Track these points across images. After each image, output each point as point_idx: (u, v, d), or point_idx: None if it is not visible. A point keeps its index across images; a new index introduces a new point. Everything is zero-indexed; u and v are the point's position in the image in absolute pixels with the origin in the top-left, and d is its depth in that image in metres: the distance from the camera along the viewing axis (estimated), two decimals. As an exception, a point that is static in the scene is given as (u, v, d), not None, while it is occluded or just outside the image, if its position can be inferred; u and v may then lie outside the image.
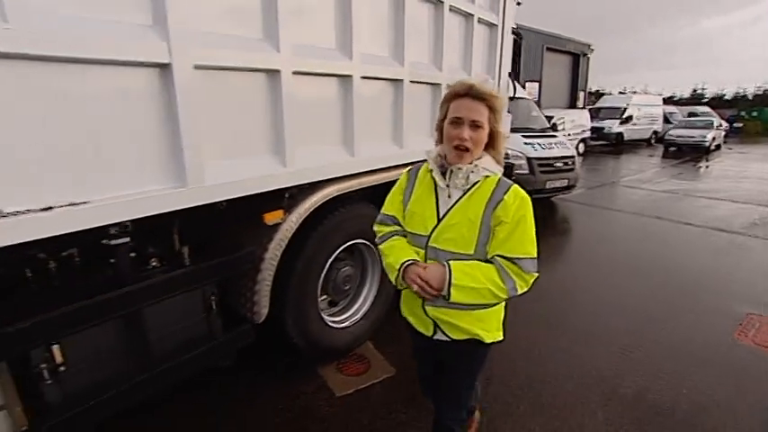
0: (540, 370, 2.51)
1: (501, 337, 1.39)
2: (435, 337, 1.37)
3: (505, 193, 1.22)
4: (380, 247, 1.40)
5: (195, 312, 1.78)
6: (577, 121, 12.91)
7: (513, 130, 5.25)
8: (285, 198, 1.93)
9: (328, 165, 2.04)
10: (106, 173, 1.32)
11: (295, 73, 1.75)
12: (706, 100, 29.52)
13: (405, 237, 1.38)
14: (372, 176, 2.34)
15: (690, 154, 14.36)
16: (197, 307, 1.79)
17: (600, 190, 8.38)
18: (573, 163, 6.34)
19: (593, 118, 14.88)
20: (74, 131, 1.23)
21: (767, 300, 3.46)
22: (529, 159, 5.82)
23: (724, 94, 30.30)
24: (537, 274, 1.25)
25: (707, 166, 11.88)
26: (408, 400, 2.19)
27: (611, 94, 23.92)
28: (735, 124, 22.23)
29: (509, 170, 5.21)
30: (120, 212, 1.35)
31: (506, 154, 4.75)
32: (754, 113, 23.63)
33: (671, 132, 15.62)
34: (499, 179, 1.26)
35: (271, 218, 1.86)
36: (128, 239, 1.44)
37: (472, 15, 3.00)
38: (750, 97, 27.69)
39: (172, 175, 1.46)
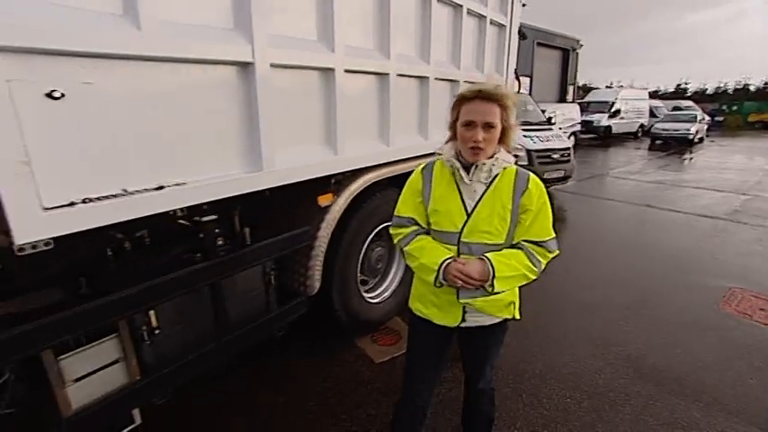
0: (552, 335, 2.81)
1: (518, 314, 1.49)
2: (464, 325, 1.42)
3: (527, 181, 1.30)
4: (407, 249, 1.39)
5: (259, 285, 2.02)
6: (568, 115, 13.28)
7: (514, 124, 5.53)
8: (332, 183, 2.17)
9: (369, 154, 2.28)
10: (200, 158, 1.54)
11: (346, 71, 1.99)
12: (689, 94, 30.39)
13: (427, 234, 1.40)
14: (402, 165, 2.58)
15: (675, 147, 14.91)
16: (260, 280, 2.02)
17: (591, 181, 8.76)
18: (569, 155, 6.67)
19: (582, 112, 15.30)
20: (175, 122, 1.45)
21: (748, 275, 3.83)
22: (528, 151, 6.12)
23: (706, 89, 31.26)
24: (558, 252, 1.36)
25: (691, 158, 12.40)
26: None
27: (598, 88, 24.49)
28: (716, 118, 23.03)
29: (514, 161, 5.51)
30: (210, 193, 1.58)
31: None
32: (735, 107, 24.50)
33: (657, 126, 16.16)
34: (517, 170, 1.33)
35: (323, 200, 2.10)
36: (215, 216, 1.67)
37: (485, 17, 3.25)
38: (731, 92, 28.62)
39: (250, 161, 1.69)
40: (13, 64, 1.06)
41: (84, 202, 1.24)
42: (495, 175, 1.30)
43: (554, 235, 1.34)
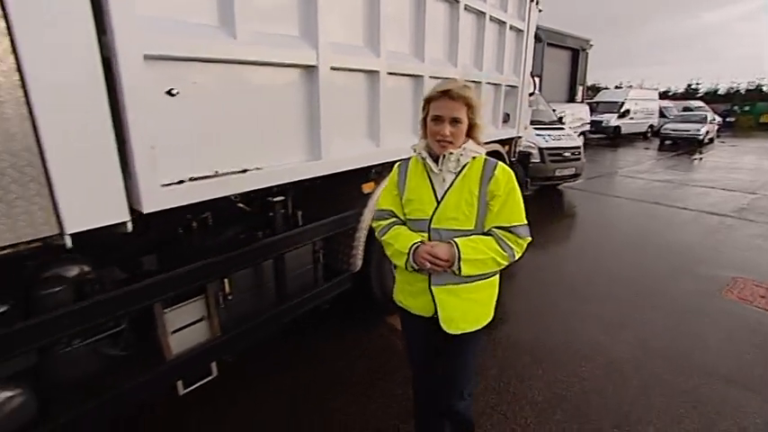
0: (568, 318, 3.06)
1: (492, 317, 1.46)
2: (436, 316, 1.40)
3: (494, 169, 1.34)
4: (383, 238, 1.46)
5: (310, 261, 2.30)
6: (577, 115, 13.42)
7: (527, 123, 5.76)
8: (372, 173, 2.44)
9: (406, 146, 2.54)
10: (273, 147, 1.82)
11: (389, 73, 2.26)
12: (700, 95, 30.15)
13: (404, 224, 1.45)
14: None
15: (684, 147, 14.96)
16: (311, 256, 2.30)
17: (601, 179, 8.94)
18: (579, 153, 6.88)
19: (591, 112, 15.43)
20: (256, 116, 1.73)
21: (750, 267, 4.04)
22: (540, 149, 6.35)
23: (717, 89, 30.91)
24: (530, 239, 1.36)
25: (701, 159, 12.48)
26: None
27: (607, 88, 24.50)
28: (728, 119, 22.89)
29: (526, 158, 5.75)
30: (281, 177, 1.86)
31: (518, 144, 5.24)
32: (747, 108, 24.35)
33: (666, 126, 16.18)
34: (485, 159, 1.37)
35: (367, 188, 2.38)
36: (284, 197, 1.95)
37: (505, 23, 3.50)
38: (743, 92, 28.36)
39: (311, 151, 1.98)
40: (156, 69, 1.35)
41: (190, 180, 1.53)
42: (465, 165, 1.35)
43: (525, 222, 1.36)
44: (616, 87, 25.35)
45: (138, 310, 1.53)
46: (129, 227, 1.39)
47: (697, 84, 32.23)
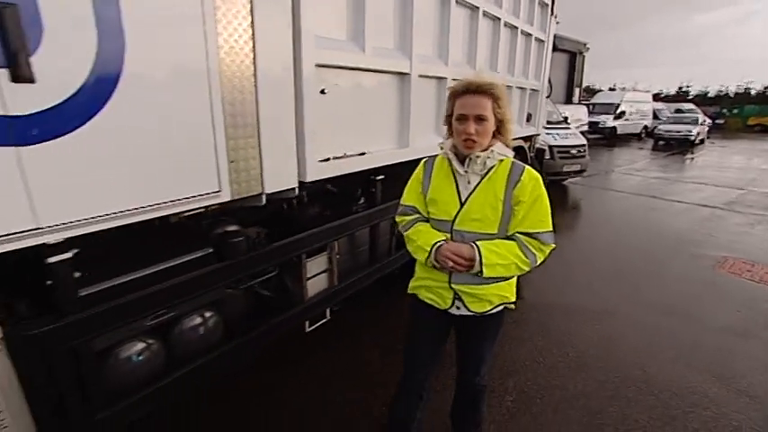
0: (588, 289, 3.62)
1: (514, 301, 1.49)
2: (450, 310, 1.45)
3: (521, 174, 1.31)
4: (406, 234, 1.46)
5: (388, 232, 2.83)
6: (576, 116, 14.02)
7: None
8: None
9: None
10: (379, 136, 2.35)
11: (453, 79, 2.80)
12: (691, 97, 31.02)
13: (427, 222, 1.45)
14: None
15: (677, 147, 15.69)
16: (389, 230, 2.83)
17: (600, 176, 9.58)
18: (585, 150, 7.49)
19: (588, 113, 16.11)
20: (370, 110, 2.26)
21: (738, 248, 4.65)
22: (550, 147, 6.93)
23: (708, 92, 31.72)
24: (554, 246, 1.34)
25: (692, 158, 13.21)
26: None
27: (601, 90, 25.18)
28: (717, 120, 23.75)
29: (541, 155, 6.32)
30: (383, 159, 2.39)
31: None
32: (735, 111, 25.27)
33: (660, 127, 16.94)
34: (512, 162, 1.35)
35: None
36: (383, 176, 2.48)
37: (531, 35, 4.06)
38: (732, 95, 29.32)
39: (402, 140, 2.51)
40: (317, 74, 1.87)
41: (335, 158, 2.06)
42: (491, 167, 1.33)
43: (550, 228, 1.34)
44: (610, 89, 26.03)
45: (293, 257, 2.05)
46: (296, 191, 1.91)
47: (687, 86, 33.08)
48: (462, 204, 1.35)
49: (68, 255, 1.19)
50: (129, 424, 1.47)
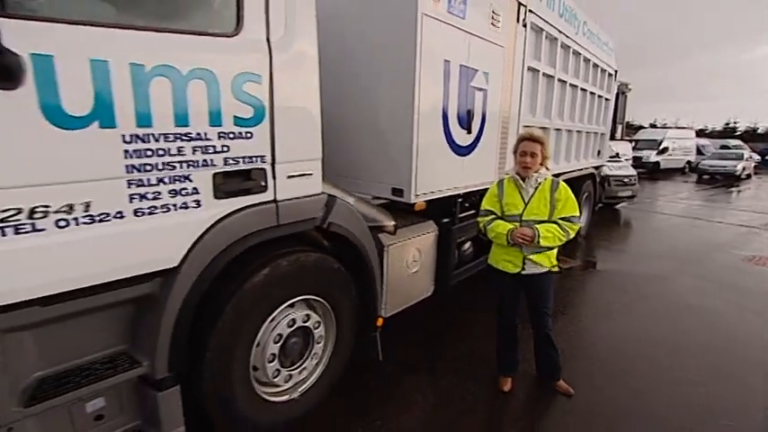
0: (645, 269, 5.25)
1: (558, 266, 2.42)
2: (523, 272, 2.32)
3: (558, 185, 2.28)
4: (489, 227, 2.33)
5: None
6: (621, 151, 15.42)
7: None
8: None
9: (564, 166, 4.97)
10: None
11: (555, 129, 4.68)
12: (738, 133, 30.33)
13: (500, 218, 2.34)
14: (567, 174, 5.22)
15: (722, 181, 16.47)
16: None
17: (647, 203, 10.96)
18: (635, 179, 9.08)
19: (632, 149, 17.32)
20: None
21: (766, 250, 6.11)
22: (606, 176, 8.59)
23: (757, 128, 30.94)
24: (580, 225, 2.72)
25: (738, 191, 14.15)
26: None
27: (642, 126, 25.78)
28: (766, 157, 23.82)
29: (605, 181, 8.03)
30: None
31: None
32: (786, 148, 25.01)
33: (704, 162, 17.79)
34: (552, 179, 2.30)
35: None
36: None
37: (602, 96, 5.96)
38: (782, 132, 28.74)
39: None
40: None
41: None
42: (540, 183, 2.28)
43: (578, 214, 2.28)
44: (651, 125, 26.46)
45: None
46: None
47: (735, 122, 32.34)
48: (526, 205, 2.28)
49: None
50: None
